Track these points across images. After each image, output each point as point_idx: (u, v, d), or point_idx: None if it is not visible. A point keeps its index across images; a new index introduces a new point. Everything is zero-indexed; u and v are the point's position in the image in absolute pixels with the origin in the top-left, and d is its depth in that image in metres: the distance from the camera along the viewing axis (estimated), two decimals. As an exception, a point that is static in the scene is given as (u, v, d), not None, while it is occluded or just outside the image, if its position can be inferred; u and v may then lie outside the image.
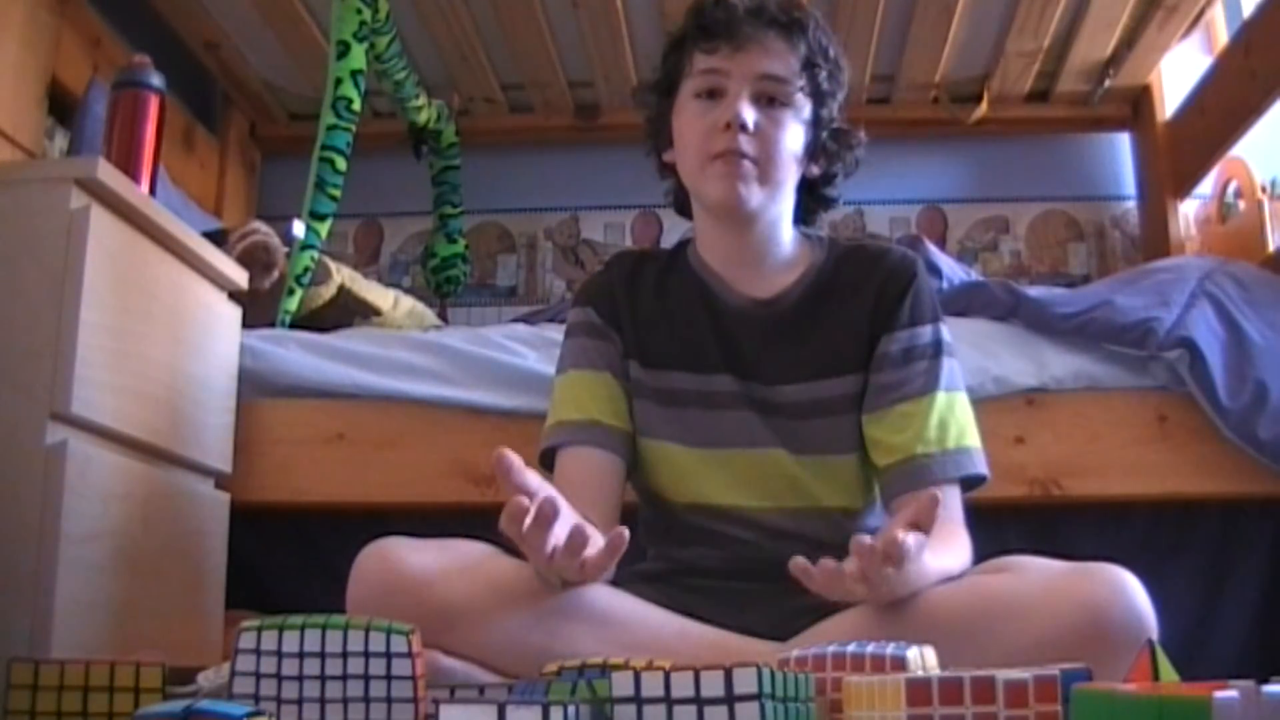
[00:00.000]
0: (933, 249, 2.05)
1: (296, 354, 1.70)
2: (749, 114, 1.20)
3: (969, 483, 1.21)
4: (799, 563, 0.96)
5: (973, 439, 1.22)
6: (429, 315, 2.28)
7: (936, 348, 1.24)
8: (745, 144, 1.20)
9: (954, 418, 1.21)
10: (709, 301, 1.30)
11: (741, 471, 1.25)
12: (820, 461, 1.24)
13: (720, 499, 1.25)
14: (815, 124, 1.27)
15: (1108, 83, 2.60)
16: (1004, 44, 2.49)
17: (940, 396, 1.21)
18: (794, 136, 1.24)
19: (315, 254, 1.91)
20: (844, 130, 1.31)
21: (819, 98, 1.26)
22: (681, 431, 1.27)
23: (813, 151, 1.28)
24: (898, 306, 1.24)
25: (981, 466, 1.21)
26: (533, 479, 0.96)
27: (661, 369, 1.29)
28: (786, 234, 1.31)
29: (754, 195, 1.22)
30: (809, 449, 1.24)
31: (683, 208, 1.36)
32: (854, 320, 1.25)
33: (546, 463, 1.27)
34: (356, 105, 1.97)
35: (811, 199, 1.34)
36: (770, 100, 1.23)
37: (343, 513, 1.66)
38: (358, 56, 1.98)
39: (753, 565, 1.21)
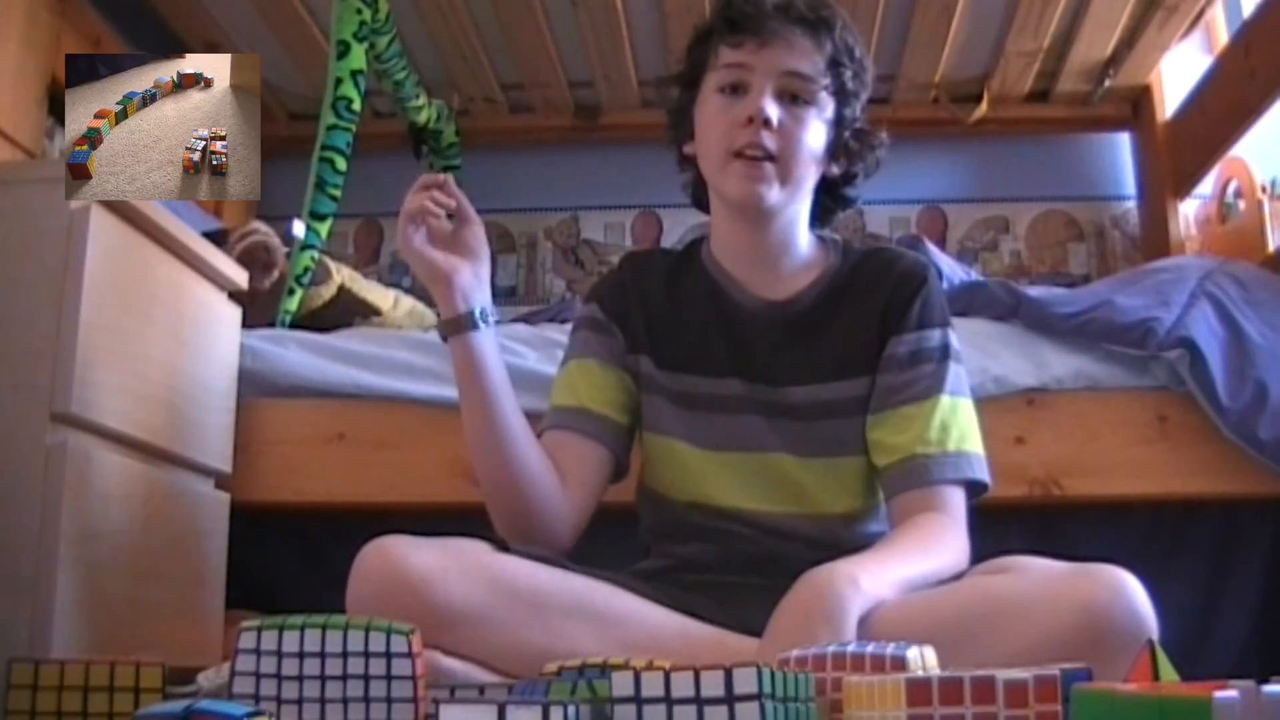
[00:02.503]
0: (933, 249, 2.05)
1: (296, 354, 1.70)
2: (772, 110, 1.20)
3: (972, 490, 1.21)
4: None
5: (974, 445, 1.22)
6: (429, 315, 2.28)
7: (944, 352, 1.24)
8: (767, 140, 1.20)
9: (956, 422, 1.21)
10: (720, 303, 1.30)
11: (745, 474, 1.25)
12: (827, 464, 1.24)
13: (721, 499, 1.25)
14: (838, 123, 1.27)
15: (1108, 83, 2.60)
16: (1004, 44, 2.49)
17: (944, 400, 1.21)
18: (816, 135, 1.24)
19: (315, 254, 1.91)
20: (866, 130, 1.31)
21: (843, 97, 1.26)
22: (691, 431, 1.27)
23: (834, 151, 1.28)
24: (907, 309, 1.24)
25: (982, 473, 1.21)
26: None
27: (676, 371, 1.29)
28: (803, 235, 1.31)
29: (773, 193, 1.22)
30: (816, 451, 1.24)
31: (700, 201, 1.36)
32: (866, 323, 1.26)
33: None
34: (356, 105, 1.97)
35: (830, 199, 1.33)
36: (794, 97, 1.23)
37: (343, 513, 1.66)
38: (358, 56, 1.98)
39: (751, 560, 1.22)
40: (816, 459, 1.24)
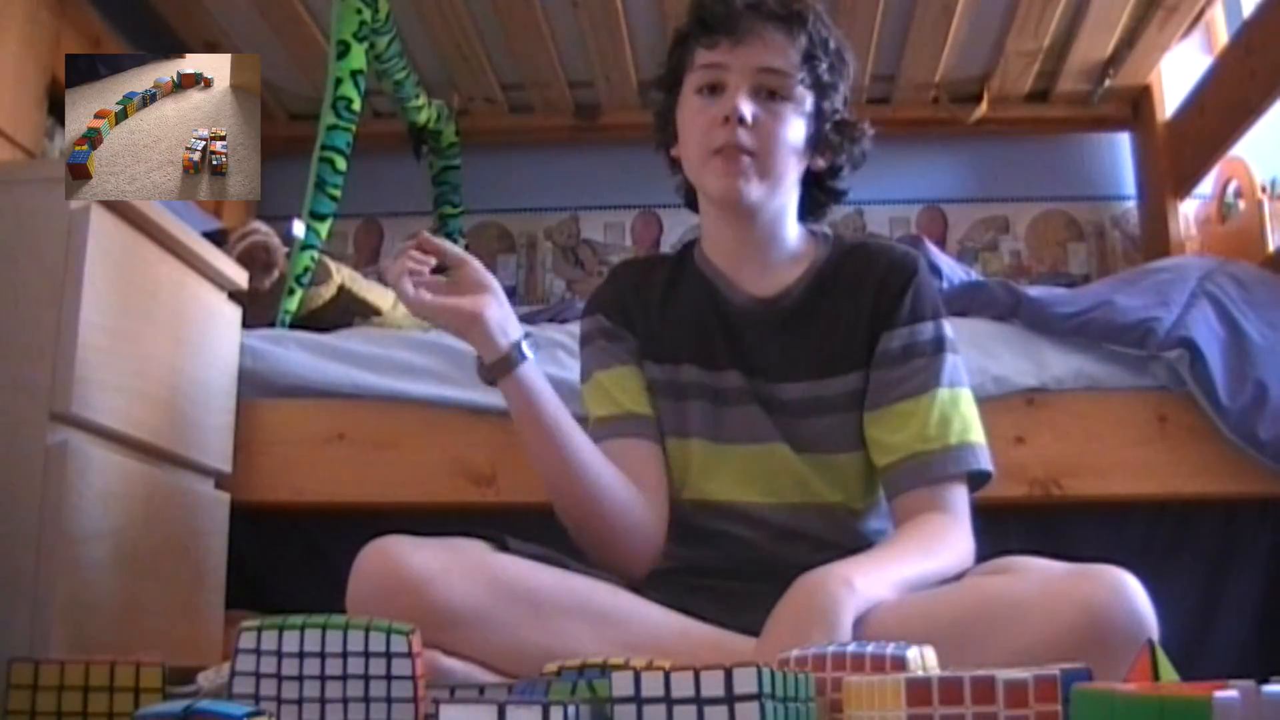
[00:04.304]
0: (933, 249, 2.05)
1: (296, 354, 1.70)
2: (747, 108, 1.21)
3: (974, 480, 1.21)
4: None
5: (976, 434, 1.21)
6: (429, 315, 2.28)
7: (938, 344, 1.23)
8: (744, 138, 1.20)
9: (956, 413, 1.20)
10: (715, 301, 1.31)
11: (745, 466, 1.25)
12: (821, 459, 1.24)
13: (724, 495, 1.25)
14: (817, 116, 1.26)
15: (1108, 83, 2.60)
16: (1004, 44, 2.49)
17: (941, 393, 1.21)
18: (794, 130, 1.24)
19: (315, 254, 1.91)
20: (848, 122, 1.30)
21: (820, 90, 1.26)
22: (687, 424, 1.28)
23: (815, 144, 1.28)
24: (898, 303, 1.24)
25: (985, 462, 1.20)
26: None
27: (672, 363, 1.30)
28: (791, 228, 1.31)
29: (753, 189, 1.22)
30: (810, 447, 1.24)
31: (692, 202, 1.36)
32: (855, 318, 1.25)
33: None
34: (356, 105, 1.97)
35: (819, 191, 1.33)
36: (770, 94, 1.23)
37: (343, 513, 1.66)
38: (358, 56, 1.98)
39: (754, 565, 1.21)
40: (811, 454, 1.24)
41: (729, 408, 1.26)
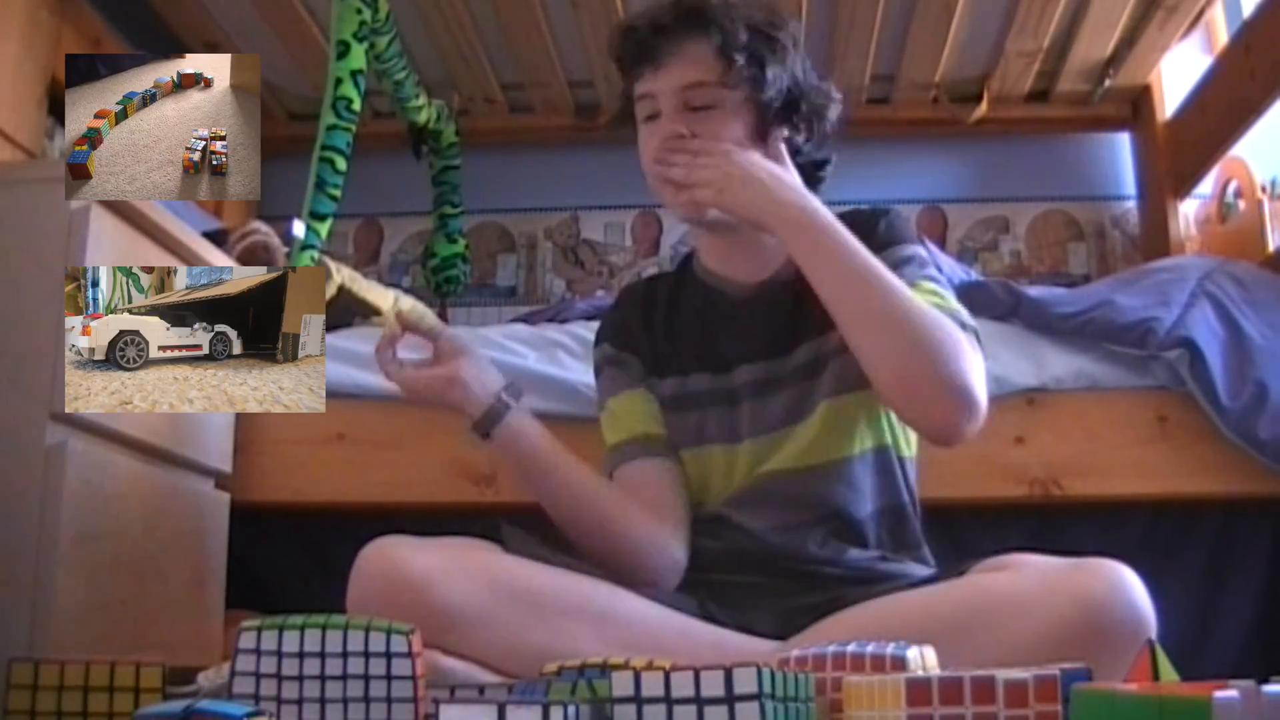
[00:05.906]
0: (933, 249, 2.05)
1: (296, 354, 1.70)
2: (680, 128, 1.21)
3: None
4: None
5: (965, 316, 1.20)
6: (429, 315, 2.28)
7: (920, 260, 1.23)
8: (683, 158, 1.20)
9: (945, 302, 1.19)
10: (715, 302, 1.31)
11: (764, 457, 1.24)
12: (836, 405, 1.22)
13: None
14: (763, 103, 1.23)
15: (1108, 82, 2.60)
16: (1004, 44, 2.49)
17: (925, 285, 1.19)
18: (733, 131, 1.22)
19: (315, 254, 1.91)
20: (795, 100, 1.26)
21: (752, 82, 1.22)
22: (703, 433, 1.27)
23: (765, 131, 1.25)
24: (870, 238, 1.20)
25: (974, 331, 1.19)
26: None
27: (680, 375, 1.30)
28: None
29: (711, 209, 1.21)
30: (824, 396, 1.23)
31: None
32: None
33: None
34: (356, 105, 1.97)
35: (800, 171, 1.29)
36: (700, 107, 1.22)
37: (343, 513, 1.66)
38: (358, 56, 1.98)
39: (755, 558, 1.21)
40: (827, 400, 1.22)
41: (740, 405, 1.26)
